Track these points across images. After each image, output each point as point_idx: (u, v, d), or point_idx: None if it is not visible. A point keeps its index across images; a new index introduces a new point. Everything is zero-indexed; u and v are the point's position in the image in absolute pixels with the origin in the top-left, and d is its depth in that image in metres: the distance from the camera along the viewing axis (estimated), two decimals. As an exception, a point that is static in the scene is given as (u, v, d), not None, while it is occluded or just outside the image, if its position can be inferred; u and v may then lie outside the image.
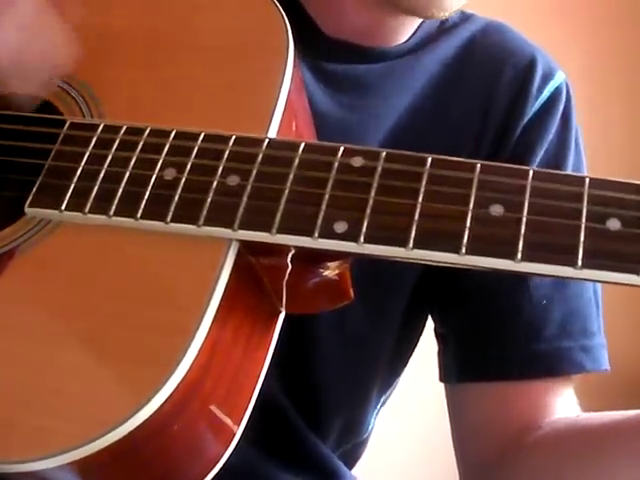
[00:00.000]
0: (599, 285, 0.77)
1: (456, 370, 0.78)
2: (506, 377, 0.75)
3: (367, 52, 0.74)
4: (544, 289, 0.74)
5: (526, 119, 0.76)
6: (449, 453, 0.80)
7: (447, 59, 0.76)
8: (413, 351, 0.83)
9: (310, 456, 0.76)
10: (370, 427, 0.82)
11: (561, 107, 0.77)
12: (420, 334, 0.82)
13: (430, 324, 0.82)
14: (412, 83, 0.75)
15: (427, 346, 0.83)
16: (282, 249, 0.51)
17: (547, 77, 0.77)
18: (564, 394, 0.75)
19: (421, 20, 0.75)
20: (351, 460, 0.83)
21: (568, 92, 0.78)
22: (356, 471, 0.83)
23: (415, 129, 0.74)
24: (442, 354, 0.80)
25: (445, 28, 0.77)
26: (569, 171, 0.77)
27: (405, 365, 0.83)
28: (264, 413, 0.53)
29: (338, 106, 0.72)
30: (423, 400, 1.29)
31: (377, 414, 0.83)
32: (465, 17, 0.78)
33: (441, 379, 0.80)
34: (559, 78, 0.78)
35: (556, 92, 0.77)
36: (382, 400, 0.83)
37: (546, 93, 0.77)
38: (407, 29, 0.75)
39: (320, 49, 0.72)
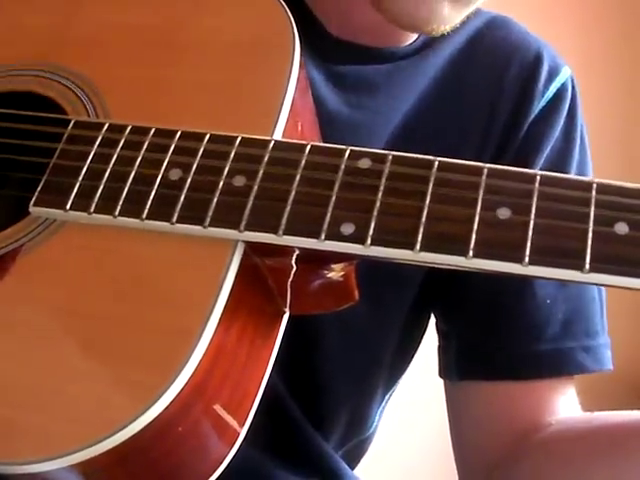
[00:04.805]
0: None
1: (457, 367, 0.78)
2: (508, 376, 0.75)
3: (374, 53, 0.74)
4: (548, 288, 0.74)
5: (532, 116, 0.75)
6: (450, 453, 0.80)
7: (453, 56, 0.76)
8: (417, 349, 0.83)
9: (313, 456, 0.76)
10: (374, 424, 0.82)
11: (567, 104, 0.77)
12: (424, 332, 0.82)
13: (432, 321, 0.82)
14: (419, 82, 0.75)
15: (429, 344, 0.83)
16: (287, 250, 0.51)
17: (553, 73, 0.77)
18: (567, 393, 0.75)
19: None
20: (354, 459, 0.83)
21: (574, 88, 0.78)
22: (358, 471, 0.84)
23: (422, 127, 0.74)
24: (443, 350, 0.80)
25: None
26: (574, 167, 0.77)
27: (409, 363, 0.83)
28: (267, 413, 0.53)
29: (347, 105, 0.72)
30: (425, 399, 1.30)
31: (382, 412, 0.83)
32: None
33: (441, 375, 0.80)
34: (565, 74, 0.78)
35: (562, 88, 0.77)
36: (386, 398, 0.83)
37: (552, 89, 0.76)
38: (412, 35, 0.75)
39: (327, 50, 0.72)
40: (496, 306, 0.75)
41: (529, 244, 0.46)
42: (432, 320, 0.82)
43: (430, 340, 0.82)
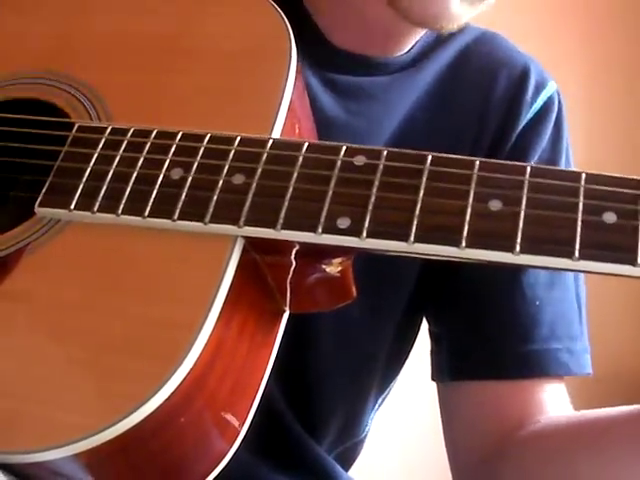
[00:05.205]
0: (582, 290, 0.79)
1: (448, 368, 0.79)
2: (499, 376, 0.76)
3: (371, 62, 0.75)
4: (537, 290, 0.75)
5: (520, 127, 0.77)
6: (445, 453, 0.81)
7: (443, 70, 0.78)
8: (410, 351, 0.84)
9: (306, 458, 0.77)
10: (367, 428, 0.83)
11: (553, 116, 0.79)
12: (416, 334, 0.84)
13: (425, 324, 0.84)
14: (412, 94, 0.77)
15: (423, 346, 0.84)
16: (286, 246, 0.52)
17: (540, 87, 0.79)
18: (556, 392, 0.76)
19: (424, 32, 0.77)
20: (348, 461, 0.84)
21: (560, 101, 0.80)
22: (352, 472, 0.84)
23: (414, 137, 0.75)
24: (435, 353, 0.81)
25: (442, 39, 0.78)
26: None
27: (402, 365, 0.84)
28: (260, 415, 0.54)
29: (344, 112, 0.74)
30: (419, 400, 1.30)
31: (374, 414, 0.84)
32: (460, 27, 0.80)
33: (433, 378, 0.81)
34: (551, 88, 0.80)
35: (549, 101, 0.79)
36: (379, 401, 0.83)
37: (539, 102, 0.78)
38: (410, 40, 0.77)
39: (326, 59, 0.74)
40: (486, 306, 0.76)
41: (520, 234, 0.48)
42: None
43: (428, 341, 0.83)
